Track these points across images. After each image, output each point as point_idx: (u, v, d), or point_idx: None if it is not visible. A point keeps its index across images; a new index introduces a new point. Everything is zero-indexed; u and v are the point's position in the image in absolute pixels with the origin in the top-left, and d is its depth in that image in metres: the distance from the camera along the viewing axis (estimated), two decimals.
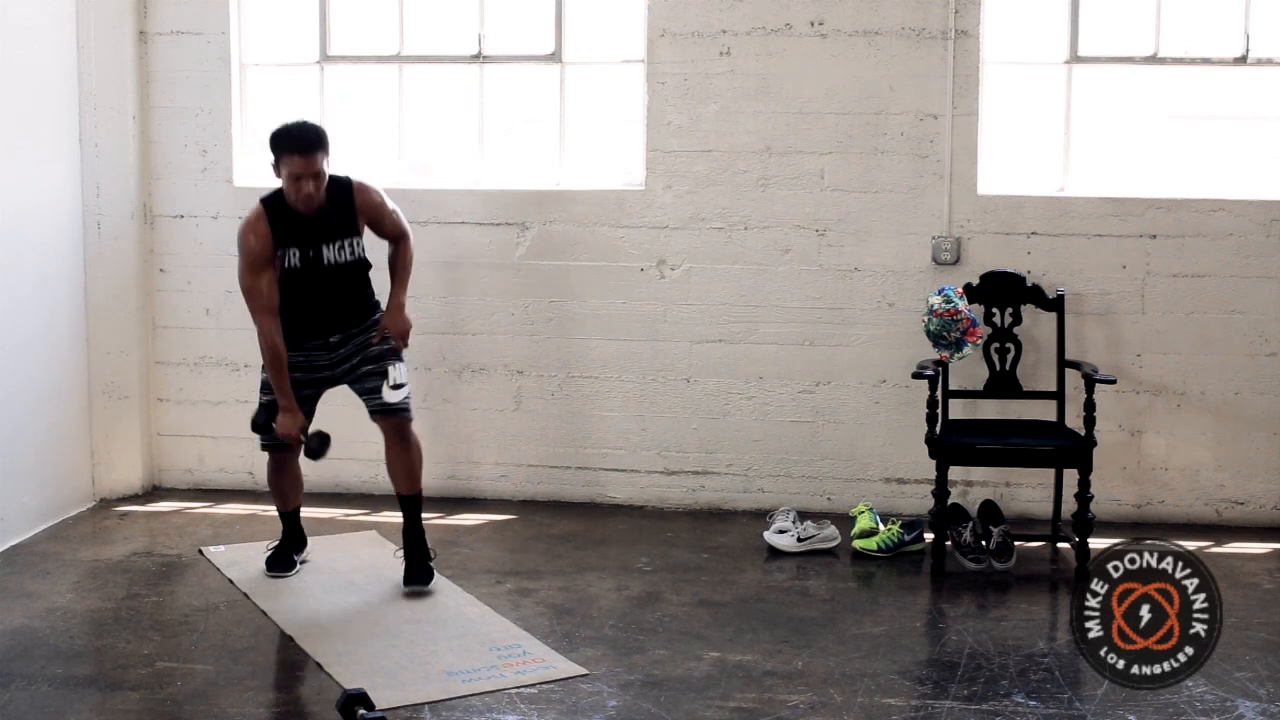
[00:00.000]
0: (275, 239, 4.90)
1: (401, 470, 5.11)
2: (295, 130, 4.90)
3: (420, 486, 5.16)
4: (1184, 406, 6.00)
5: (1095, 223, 5.96)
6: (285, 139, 4.87)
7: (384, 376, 5.01)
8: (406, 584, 5.06)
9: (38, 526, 5.83)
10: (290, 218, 4.92)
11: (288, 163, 4.84)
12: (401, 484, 5.13)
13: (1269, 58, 5.94)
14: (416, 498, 5.15)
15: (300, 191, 4.85)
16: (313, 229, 4.95)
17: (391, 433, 5.07)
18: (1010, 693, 4.24)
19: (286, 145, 4.85)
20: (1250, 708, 4.13)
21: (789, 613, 4.97)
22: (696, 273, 6.16)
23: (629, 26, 6.19)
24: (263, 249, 4.89)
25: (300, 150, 4.83)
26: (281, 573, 5.30)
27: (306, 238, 4.94)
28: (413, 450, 5.11)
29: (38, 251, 5.91)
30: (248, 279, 4.93)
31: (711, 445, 6.24)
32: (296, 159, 4.83)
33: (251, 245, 4.89)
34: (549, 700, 4.18)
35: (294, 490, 5.36)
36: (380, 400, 5.02)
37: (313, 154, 4.86)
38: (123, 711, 4.10)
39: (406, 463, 5.10)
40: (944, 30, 5.93)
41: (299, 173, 4.83)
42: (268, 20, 6.41)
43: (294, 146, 4.84)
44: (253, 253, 4.90)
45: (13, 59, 5.69)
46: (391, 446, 5.10)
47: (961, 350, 5.67)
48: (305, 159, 4.84)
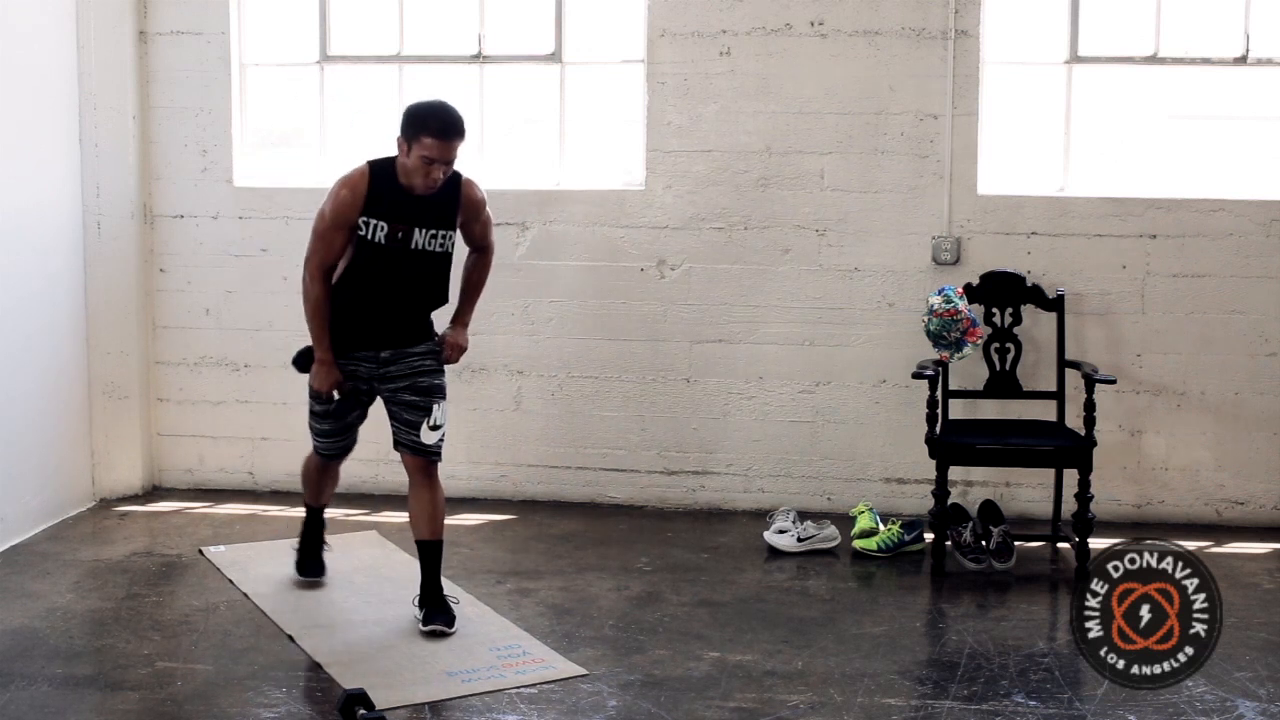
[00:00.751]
0: (367, 206, 4.61)
1: (425, 514, 4.77)
2: (441, 112, 4.58)
3: (442, 534, 4.81)
4: (1184, 406, 6.01)
5: (1095, 223, 5.96)
6: (430, 119, 4.55)
7: (427, 413, 4.73)
8: (426, 624, 4.69)
9: (38, 526, 5.83)
10: (393, 191, 4.62)
11: (424, 145, 4.52)
12: (424, 529, 4.77)
13: (1269, 58, 5.94)
14: (438, 545, 4.79)
15: (430, 176, 4.56)
16: (412, 209, 4.64)
17: (418, 472, 4.79)
18: (1010, 693, 4.24)
19: (430, 127, 4.53)
20: (1250, 708, 4.13)
21: (789, 613, 4.97)
22: (696, 273, 6.16)
23: (629, 26, 6.19)
24: (351, 207, 4.61)
25: (443, 134, 4.54)
26: (316, 576, 5.17)
27: (402, 215, 4.63)
28: (439, 494, 4.80)
29: (38, 251, 5.91)
30: (319, 243, 4.66)
31: (711, 445, 6.24)
32: (437, 143, 4.53)
33: (343, 198, 4.61)
34: (549, 700, 4.18)
35: (330, 489, 5.21)
36: (416, 439, 4.75)
37: (454, 140, 4.57)
38: (123, 711, 4.10)
39: (431, 507, 4.77)
40: (944, 30, 5.93)
41: (434, 157, 4.54)
42: (268, 20, 6.41)
43: (438, 130, 4.53)
44: (340, 205, 4.61)
45: (13, 59, 5.69)
46: (417, 487, 4.79)
47: (961, 350, 5.67)
48: (445, 144, 4.54)
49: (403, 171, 4.61)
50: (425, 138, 4.53)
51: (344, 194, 4.63)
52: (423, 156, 4.54)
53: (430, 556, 4.77)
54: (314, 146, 6.48)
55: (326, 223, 4.66)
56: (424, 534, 4.77)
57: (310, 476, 5.17)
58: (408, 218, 4.65)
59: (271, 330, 6.37)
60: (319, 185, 6.32)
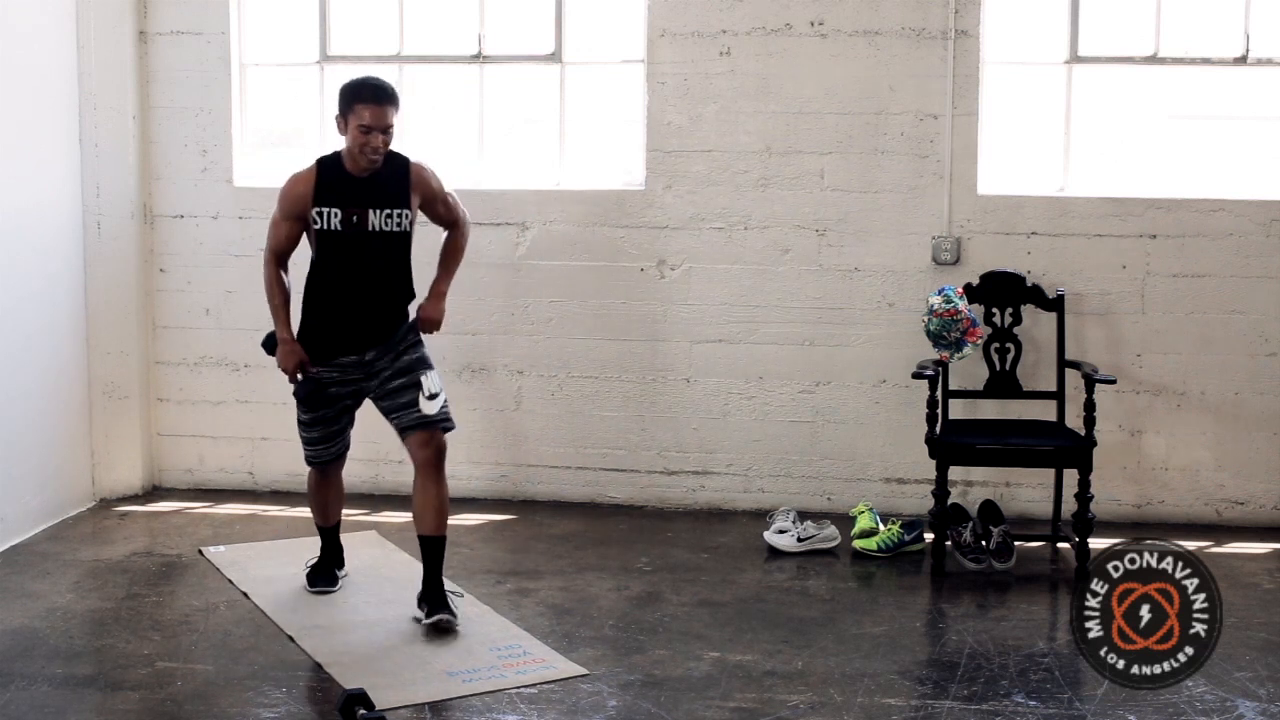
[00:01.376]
0: (316, 197, 4.76)
1: (430, 509, 4.74)
2: (371, 81, 4.78)
3: (445, 530, 4.79)
4: (1184, 406, 6.01)
5: (1095, 223, 5.96)
6: (361, 89, 4.74)
7: (418, 387, 4.76)
8: (429, 616, 4.69)
9: (38, 526, 5.83)
10: (340, 178, 4.77)
11: (358, 114, 4.69)
12: (428, 524, 4.75)
13: (1269, 58, 5.94)
14: (441, 541, 4.78)
15: (368, 144, 4.70)
16: (361, 191, 4.77)
17: (426, 465, 4.74)
18: (1010, 693, 4.24)
19: (360, 95, 4.71)
20: (1250, 708, 4.13)
21: (789, 613, 4.97)
22: (696, 273, 6.16)
23: (629, 26, 6.19)
24: (299, 198, 4.79)
25: (375, 100, 4.69)
26: (326, 588, 5.11)
27: (352, 199, 4.76)
28: (444, 490, 4.78)
29: (38, 251, 5.91)
30: (271, 237, 4.88)
31: (711, 445, 6.24)
32: (369, 110, 4.68)
33: (290, 190, 4.81)
34: (549, 700, 4.18)
35: (336, 504, 5.17)
36: (417, 413, 4.73)
37: (386, 106, 4.71)
38: (123, 711, 4.10)
39: (437, 501, 4.74)
40: (944, 30, 5.93)
41: (369, 124, 4.68)
42: (268, 20, 6.41)
43: (369, 96, 4.70)
44: (288, 196, 4.81)
45: (13, 59, 5.69)
46: (423, 481, 4.75)
47: (961, 350, 5.67)
48: (378, 109, 4.69)
49: (348, 157, 4.77)
50: (358, 105, 4.69)
51: (291, 188, 4.82)
52: (359, 126, 4.68)
53: (433, 552, 4.77)
54: (314, 146, 6.46)
55: (276, 213, 4.87)
56: (428, 529, 4.76)
57: (314, 495, 5.15)
58: (359, 200, 4.78)
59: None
60: None
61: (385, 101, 4.72)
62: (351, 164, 4.77)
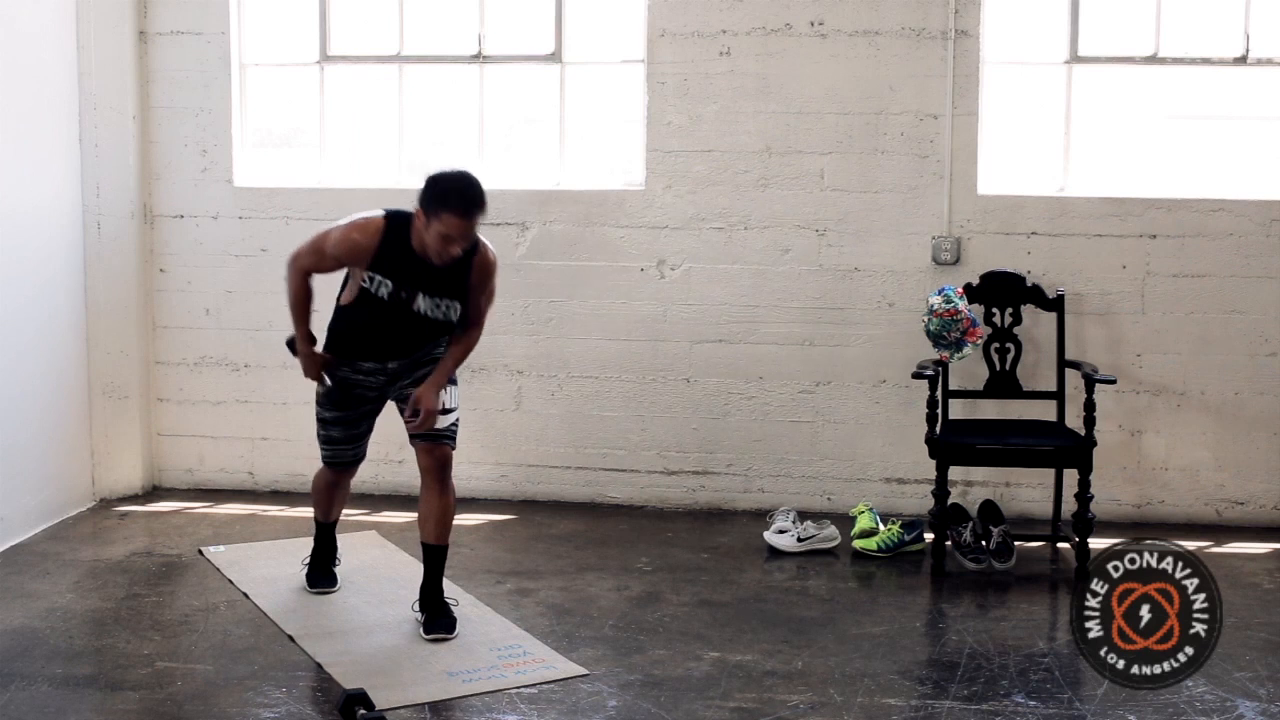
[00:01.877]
0: (374, 262, 4.50)
1: (435, 517, 4.72)
2: (465, 189, 4.41)
3: (449, 539, 4.77)
4: (1184, 406, 6.01)
5: (1095, 223, 5.96)
6: (453, 196, 4.38)
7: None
8: (428, 633, 4.64)
9: (38, 526, 5.83)
10: (404, 252, 4.49)
11: (444, 220, 4.36)
12: (431, 532, 4.72)
13: (1269, 58, 5.94)
14: (444, 550, 4.76)
15: (447, 251, 4.41)
16: (420, 273, 4.51)
17: (432, 473, 4.71)
18: (1010, 693, 4.24)
19: (449, 204, 4.37)
20: (1250, 708, 4.13)
21: (789, 613, 4.97)
22: (696, 273, 6.16)
23: (629, 26, 6.19)
24: (355, 254, 4.52)
25: (466, 213, 4.38)
26: (327, 588, 5.10)
27: (408, 278, 4.52)
28: (450, 499, 4.75)
29: (38, 252, 5.91)
30: (311, 256, 4.59)
31: (711, 445, 6.24)
32: (457, 222, 4.37)
33: (352, 242, 4.51)
34: (549, 700, 4.18)
35: (340, 505, 5.16)
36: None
37: (476, 218, 4.42)
38: (123, 711, 4.10)
39: (441, 511, 4.72)
40: (944, 30, 5.93)
41: (454, 234, 4.38)
42: (268, 20, 6.41)
43: (461, 208, 4.37)
44: (346, 246, 4.52)
45: (13, 59, 5.69)
46: (429, 489, 4.73)
47: (961, 350, 5.67)
48: (466, 224, 4.39)
49: (417, 236, 4.47)
50: (446, 214, 4.37)
51: (354, 237, 4.53)
52: (442, 233, 4.39)
53: (434, 560, 4.76)
54: (314, 146, 6.48)
55: (327, 247, 4.57)
56: (431, 538, 4.75)
57: (320, 493, 5.12)
58: (414, 281, 4.54)
59: (271, 330, 6.36)
60: (319, 185, 6.40)
61: (475, 215, 4.42)
62: (420, 246, 4.48)
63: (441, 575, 4.78)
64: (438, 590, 4.75)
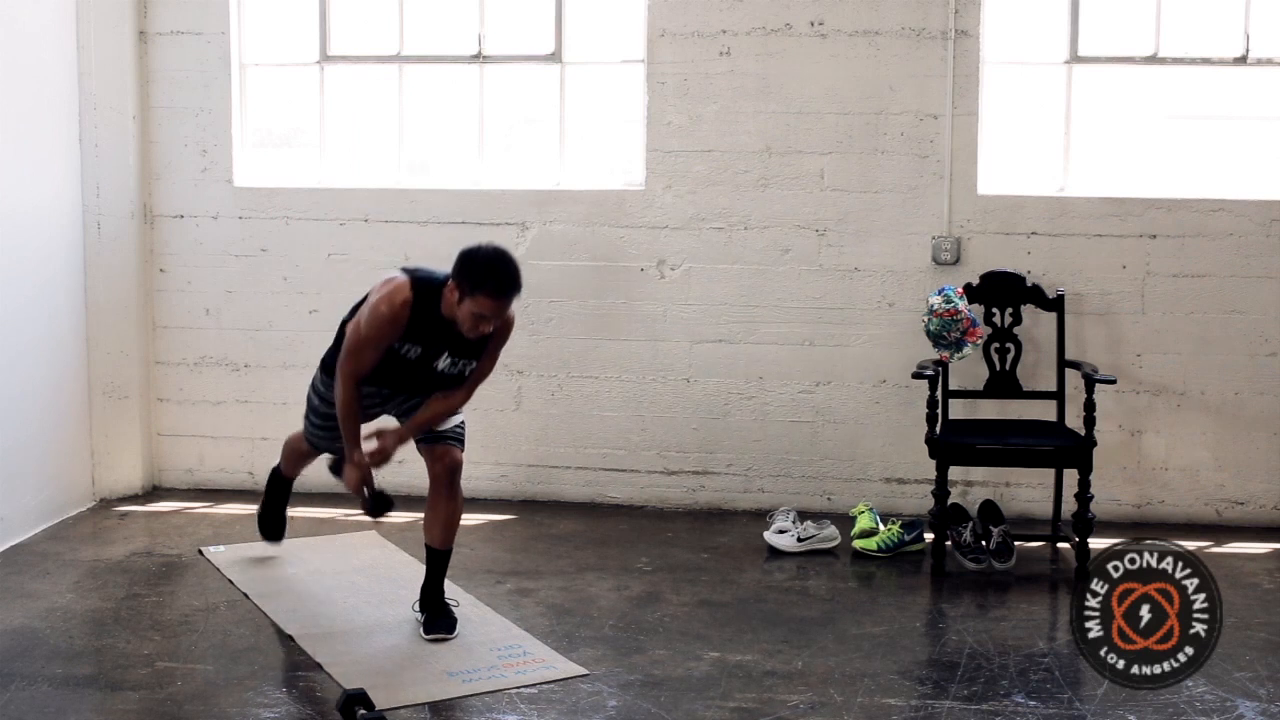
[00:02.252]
0: (407, 333, 4.51)
1: (441, 521, 4.71)
2: (502, 272, 4.38)
3: (453, 544, 4.78)
4: (1184, 406, 6.01)
5: (1095, 223, 5.96)
6: (490, 280, 4.36)
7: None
8: (428, 632, 4.64)
9: (38, 526, 5.83)
10: (433, 319, 4.50)
11: (479, 301, 4.36)
12: (436, 536, 4.72)
13: (1269, 58, 5.94)
14: (447, 554, 4.76)
15: (478, 329, 4.44)
16: (446, 337, 4.55)
17: (440, 479, 4.70)
18: (1010, 693, 4.24)
19: (488, 287, 4.36)
20: (1250, 708, 4.13)
21: (789, 613, 4.97)
22: (696, 273, 6.16)
23: (629, 26, 6.19)
24: (391, 333, 4.50)
25: (502, 296, 4.39)
26: (278, 539, 5.46)
27: (435, 340, 4.56)
28: (458, 505, 4.74)
29: (38, 252, 5.91)
30: (353, 361, 4.55)
31: (711, 445, 6.24)
32: (493, 303, 4.38)
33: (383, 320, 4.47)
34: (549, 700, 4.18)
35: (306, 466, 5.40)
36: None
37: (511, 299, 4.44)
38: (123, 711, 4.10)
39: (448, 515, 4.71)
40: (944, 30, 5.93)
41: (488, 314, 4.40)
42: (268, 20, 6.41)
43: (496, 291, 4.37)
44: (381, 328, 4.48)
45: (13, 59, 5.69)
46: (437, 494, 4.72)
47: (961, 350, 5.67)
48: (501, 303, 4.41)
49: (448, 305, 4.47)
50: (482, 296, 4.37)
51: (385, 320, 4.48)
52: (475, 313, 4.39)
53: (437, 564, 4.77)
54: (314, 146, 6.48)
55: (363, 340, 4.53)
56: (436, 541, 4.76)
57: (293, 451, 5.31)
58: (440, 343, 4.57)
59: (271, 330, 6.38)
60: (319, 185, 6.40)
61: (510, 297, 4.43)
62: (449, 314, 4.48)
63: (443, 578, 4.79)
64: (438, 591, 4.76)
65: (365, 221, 6.29)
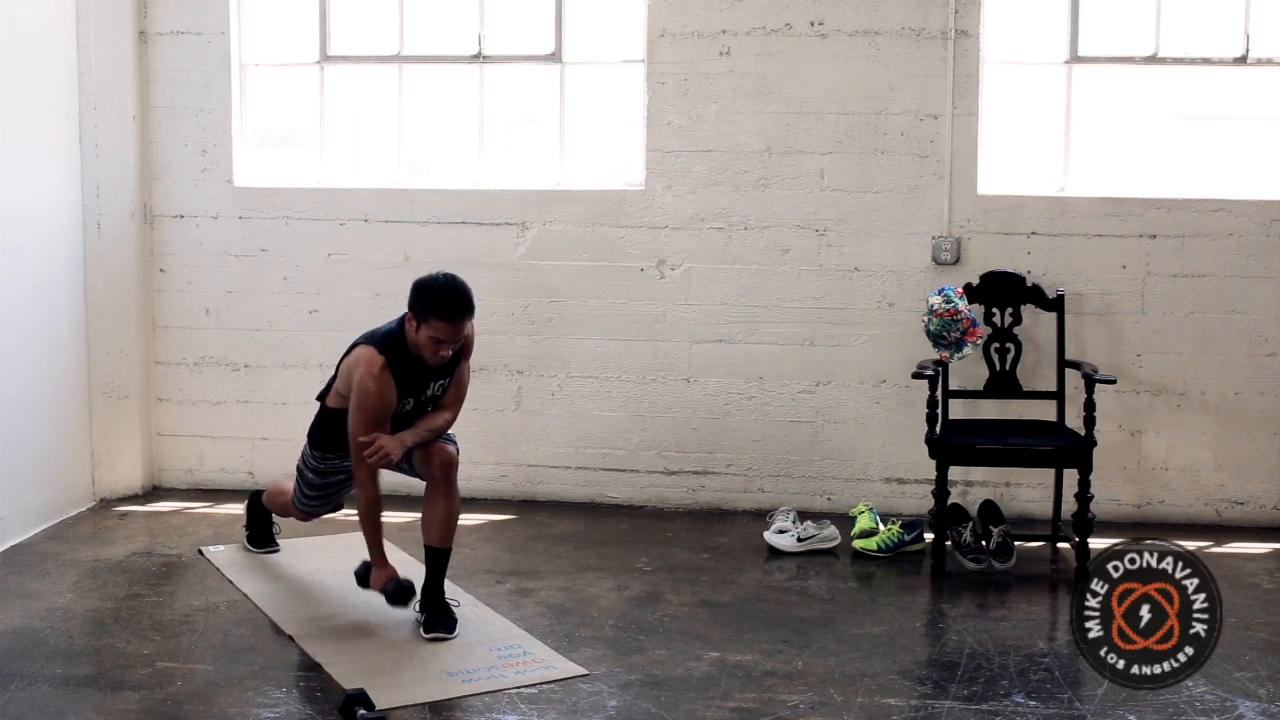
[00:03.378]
0: (399, 392, 4.68)
1: (439, 520, 4.75)
2: (450, 296, 4.59)
3: (452, 543, 4.81)
4: (1184, 406, 6.01)
5: (1095, 223, 5.96)
6: (440, 306, 4.57)
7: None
8: (428, 632, 4.64)
9: (38, 526, 5.83)
10: (408, 366, 4.68)
11: (434, 327, 4.56)
12: (435, 535, 4.75)
13: (1269, 58, 5.94)
14: (446, 553, 4.79)
15: (439, 354, 4.62)
16: (424, 373, 4.74)
17: (436, 478, 4.76)
18: (1010, 693, 4.24)
19: (439, 311, 4.56)
20: (1250, 708, 4.13)
21: (789, 613, 4.97)
22: (696, 273, 6.16)
23: (629, 26, 6.19)
24: (390, 402, 4.67)
25: (453, 318, 4.58)
26: (271, 549, 5.53)
27: (418, 383, 4.74)
28: (455, 504, 4.78)
29: (38, 252, 5.91)
30: (366, 424, 4.64)
31: (711, 445, 6.24)
32: (446, 326, 4.57)
33: (380, 396, 4.63)
34: (549, 700, 4.18)
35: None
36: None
37: (463, 321, 4.62)
38: (123, 711, 4.10)
39: (445, 514, 4.76)
40: (944, 30, 5.93)
41: (444, 338, 4.59)
42: (268, 20, 6.41)
43: (447, 314, 4.56)
44: (380, 408, 4.65)
45: (13, 59, 5.69)
46: (434, 493, 4.77)
47: (961, 350, 5.67)
48: (455, 326, 4.59)
49: (411, 344, 4.66)
50: (435, 320, 4.57)
51: (373, 388, 4.62)
52: (432, 337, 4.59)
53: (436, 563, 4.77)
54: (314, 146, 6.48)
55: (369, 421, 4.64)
56: (434, 540, 4.77)
57: (280, 507, 5.41)
58: (423, 382, 4.76)
59: (271, 330, 6.38)
60: (319, 185, 6.40)
61: (462, 319, 4.61)
62: (414, 348, 4.67)
63: (443, 577, 4.79)
64: (438, 590, 4.76)
65: (365, 221, 6.30)
